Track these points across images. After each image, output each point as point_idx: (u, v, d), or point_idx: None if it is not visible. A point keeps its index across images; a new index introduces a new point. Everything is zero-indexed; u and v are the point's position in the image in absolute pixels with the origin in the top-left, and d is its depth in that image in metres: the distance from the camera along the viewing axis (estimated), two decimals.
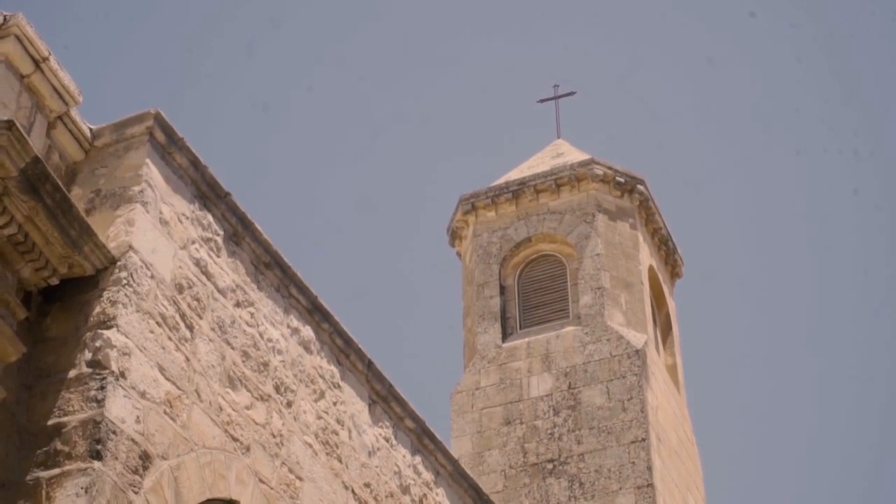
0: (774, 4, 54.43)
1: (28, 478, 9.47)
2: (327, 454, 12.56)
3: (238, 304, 11.71)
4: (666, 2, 56.32)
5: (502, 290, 24.21)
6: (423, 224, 56.28)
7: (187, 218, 11.30)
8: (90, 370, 9.81)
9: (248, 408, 11.46)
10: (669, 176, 53.84)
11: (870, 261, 54.39)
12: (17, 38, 10.43)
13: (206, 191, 11.65)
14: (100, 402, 9.63)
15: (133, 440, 9.79)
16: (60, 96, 10.83)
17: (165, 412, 10.29)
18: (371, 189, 55.30)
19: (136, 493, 9.66)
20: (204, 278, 11.29)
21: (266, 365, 11.87)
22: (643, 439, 21.16)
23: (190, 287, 11.06)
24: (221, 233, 11.76)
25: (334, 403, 12.93)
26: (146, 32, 53.61)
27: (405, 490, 13.92)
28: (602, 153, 25.28)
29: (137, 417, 9.92)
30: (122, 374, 9.87)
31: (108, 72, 51.93)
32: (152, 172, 10.97)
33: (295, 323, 12.59)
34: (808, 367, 53.77)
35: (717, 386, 53.05)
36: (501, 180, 25.51)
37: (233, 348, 11.45)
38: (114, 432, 9.60)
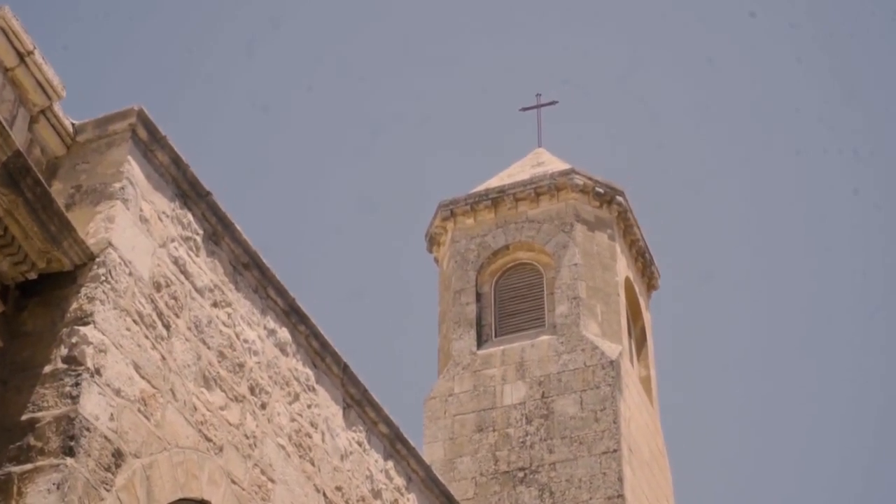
0: (774, 4, 54.61)
1: (0, 472, 9.44)
2: (300, 457, 12.54)
3: (215, 304, 11.69)
4: (666, 2, 56.51)
5: (479, 297, 24.22)
6: (420, 226, 56.35)
7: (167, 216, 11.28)
8: (66, 366, 9.78)
9: (222, 408, 11.44)
10: (669, 176, 54.02)
11: (869, 261, 54.62)
12: (3, 30, 10.40)
13: (186, 189, 11.63)
14: (74, 399, 9.60)
15: (106, 437, 9.77)
16: (44, 90, 10.80)
17: (139, 410, 10.26)
18: (371, 189, 55.40)
19: (108, 490, 9.64)
20: (182, 277, 11.27)
21: (241, 366, 11.85)
22: (615, 450, 21.19)
23: (168, 286, 11.04)
24: (201, 232, 11.74)
25: (308, 406, 12.92)
26: (146, 32, 53.70)
27: (377, 495, 13.91)
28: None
29: (111, 415, 9.89)
30: (98, 371, 9.85)
31: (109, 72, 52.11)
32: (133, 169, 10.95)
33: (272, 324, 12.58)
34: (806, 368, 54.05)
35: (714, 386, 53.43)
36: (481, 187, 25.54)
37: (209, 348, 11.43)
38: (87, 429, 9.57)
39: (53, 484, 9.23)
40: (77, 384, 9.67)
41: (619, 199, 24.82)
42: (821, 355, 54.13)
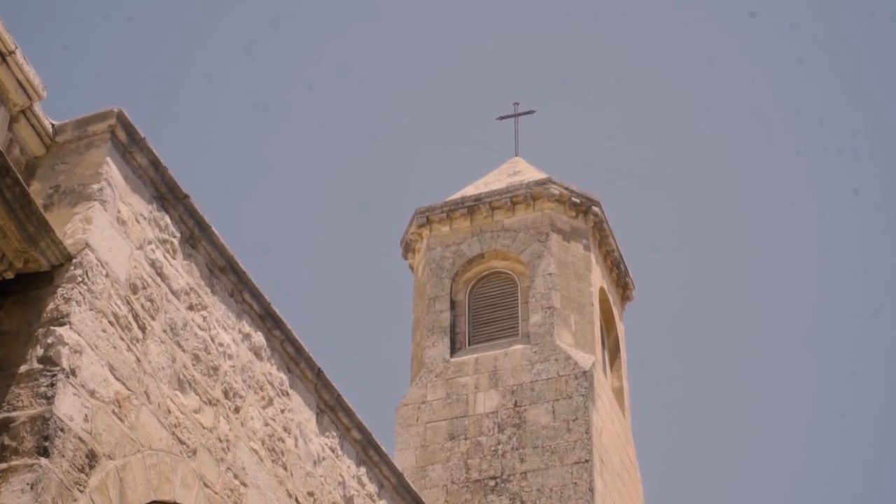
0: (775, 4, 54.66)
1: None
2: (273, 461, 12.55)
3: (191, 307, 11.70)
4: (667, 1, 56.63)
5: (453, 304, 24.23)
6: (400, 231, 56.34)
7: (145, 218, 11.29)
8: (41, 366, 9.78)
9: (196, 411, 11.45)
10: (669, 176, 54.09)
11: (870, 261, 54.68)
12: None
13: (164, 192, 11.64)
14: (49, 399, 9.60)
15: (80, 438, 9.76)
16: (25, 90, 10.80)
17: (114, 412, 10.26)
18: (361, 191, 55.39)
19: (81, 491, 9.63)
20: (158, 279, 11.28)
21: (216, 369, 11.86)
22: (586, 461, 21.23)
23: (144, 288, 11.04)
24: (178, 235, 11.75)
25: (282, 411, 12.92)
26: (145, 32, 53.69)
27: (349, 501, 13.92)
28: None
29: (86, 416, 9.89)
30: (73, 372, 9.85)
31: (108, 72, 52.14)
32: (112, 171, 10.96)
33: (247, 328, 12.59)
34: (808, 368, 54.14)
35: (715, 387, 53.57)
36: (457, 195, 25.56)
37: (184, 351, 11.44)
38: (62, 430, 9.57)
39: (27, 484, 9.22)
40: (52, 384, 9.67)
41: (595, 209, 24.88)
42: (822, 356, 54.36)
